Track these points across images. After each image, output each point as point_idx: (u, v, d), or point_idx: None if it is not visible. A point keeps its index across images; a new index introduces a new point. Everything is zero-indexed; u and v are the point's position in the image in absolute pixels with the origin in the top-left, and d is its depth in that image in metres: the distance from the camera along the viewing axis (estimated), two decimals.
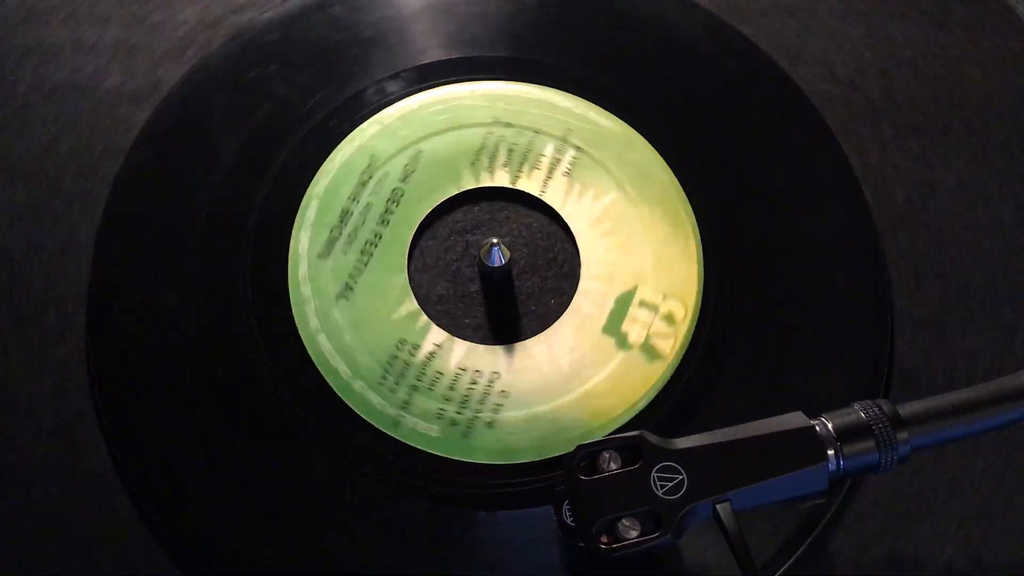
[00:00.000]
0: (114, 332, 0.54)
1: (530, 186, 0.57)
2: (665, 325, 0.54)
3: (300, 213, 0.56)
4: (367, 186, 0.56)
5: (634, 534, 0.45)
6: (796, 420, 0.47)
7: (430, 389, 0.53)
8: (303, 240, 0.55)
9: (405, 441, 0.52)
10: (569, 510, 0.46)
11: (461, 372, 0.53)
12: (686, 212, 0.56)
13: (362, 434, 0.52)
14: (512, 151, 0.57)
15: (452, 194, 0.57)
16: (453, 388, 0.53)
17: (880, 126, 0.60)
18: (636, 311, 0.54)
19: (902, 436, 0.46)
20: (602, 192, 0.57)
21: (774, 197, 0.58)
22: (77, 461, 0.52)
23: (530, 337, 0.54)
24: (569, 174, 0.57)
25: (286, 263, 0.55)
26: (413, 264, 0.56)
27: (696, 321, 0.54)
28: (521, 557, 0.50)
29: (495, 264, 0.54)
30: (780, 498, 0.46)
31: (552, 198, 0.57)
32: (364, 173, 0.57)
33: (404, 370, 0.53)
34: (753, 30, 0.62)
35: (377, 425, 0.52)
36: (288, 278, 0.54)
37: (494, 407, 0.52)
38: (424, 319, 0.54)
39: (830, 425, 0.46)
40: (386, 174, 0.57)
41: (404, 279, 0.55)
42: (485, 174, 0.57)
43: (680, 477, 0.46)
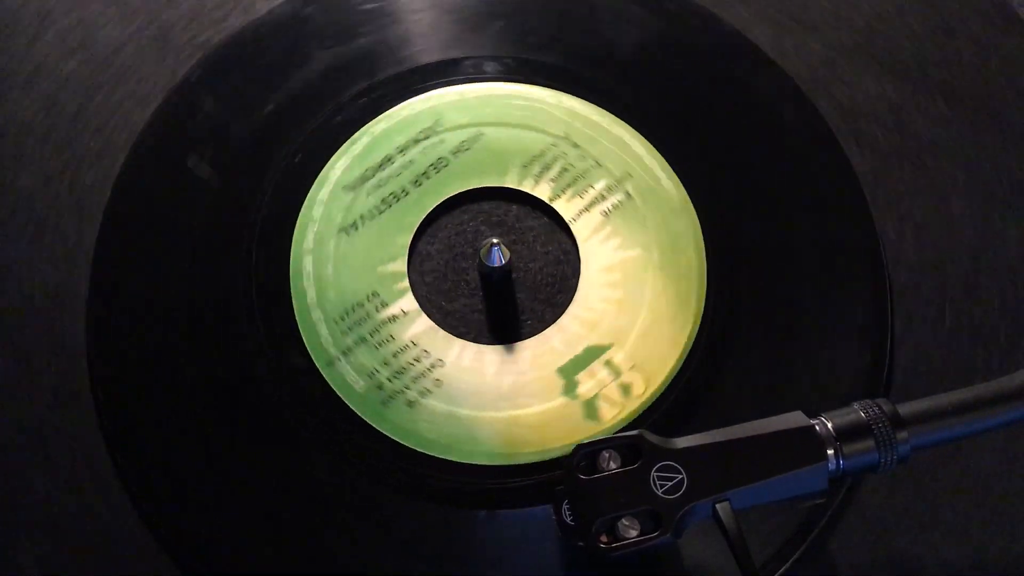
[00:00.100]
0: (114, 332, 0.54)
1: (565, 209, 0.56)
2: (619, 393, 0.53)
3: (349, 143, 0.57)
4: (419, 145, 0.57)
5: (634, 533, 0.45)
6: (796, 420, 0.47)
7: (376, 348, 0.53)
8: (338, 168, 0.56)
9: (330, 383, 0.52)
10: (569, 509, 0.46)
11: (411, 346, 0.53)
12: (699, 295, 0.55)
13: (299, 359, 0.52)
14: (566, 171, 0.57)
15: (490, 185, 0.57)
16: (396, 356, 0.53)
17: (880, 126, 0.60)
18: (599, 367, 0.53)
19: (902, 436, 0.46)
20: (628, 245, 0.56)
21: (774, 196, 0.58)
22: (77, 462, 0.52)
23: (492, 345, 0.54)
24: (607, 215, 0.56)
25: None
26: (422, 233, 0.56)
27: (651, 403, 0.53)
28: (521, 557, 0.50)
29: (495, 264, 0.54)
30: (780, 498, 0.46)
31: (579, 229, 0.56)
32: (423, 132, 0.57)
33: (363, 320, 0.53)
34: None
35: (313, 358, 0.53)
36: (299, 219, 0.55)
37: (422, 390, 0.52)
38: (405, 284, 0.54)
39: (830, 425, 0.46)
40: (441, 141, 0.57)
41: (407, 242, 0.55)
42: (530, 180, 0.57)
43: (680, 476, 0.46)
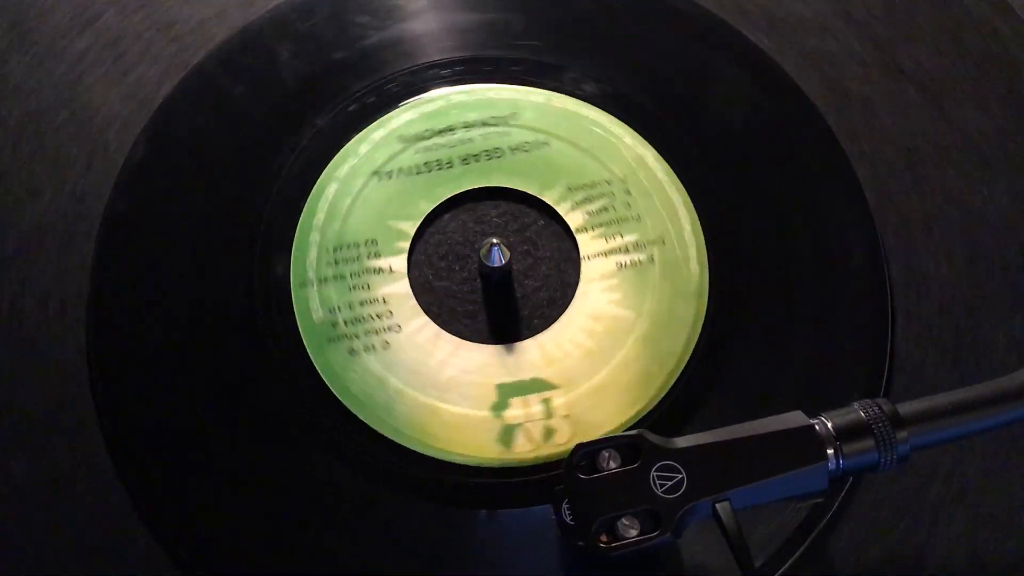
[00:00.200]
0: (114, 332, 0.54)
1: (585, 244, 0.55)
2: (540, 433, 0.52)
3: (424, 100, 0.58)
4: (486, 128, 0.57)
5: (633, 533, 0.45)
6: (796, 419, 0.47)
7: (349, 289, 0.54)
8: (403, 117, 0.57)
9: (293, 303, 0.53)
10: (568, 509, 0.46)
11: (380, 302, 0.54)
12: (662, 384, 0.53)
13: (279, 269, 0.54)
14: (606, 210, 0.56)
15: (529, 192, 0.56)
16: (362, 305, 0.53)
17: (881, 126, 0.60)
18: (535, 401, 0.52)
19: (902, 435, 0.46)
20: (624, 304, 0.54)
21: (774, 196, 0.58)
22: (77, 461, 0.52)
23: (455, 333, 0.54)
24: (621, 268, 0.55)
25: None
26: (446, 208, 0.56)
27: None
28: (521, 557, 0.50)
29: (495, 264, 0.54)
30: (780, 497, 0.46)
31: (589, 268, 0.55)
32: (495, 118, 0.58)
33: (351, 259, 0.54)
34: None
35: (292, 274, 0.54)
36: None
37: (368, 345, 0.53)
38: (405, 245, 0.55)
39: (830, 424, 0.46)
40: (507, 133, 0.57)
41: (427, 210, 0.56)
42: (568, 203, 0.56)
43: (679, 476, 0.46)
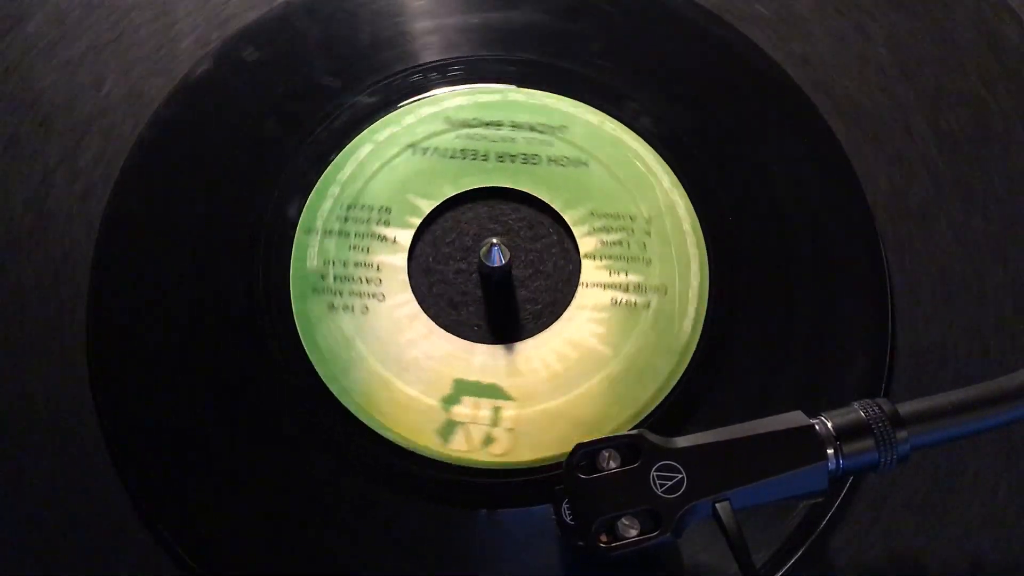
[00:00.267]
0: (114, 332, 0.54)
1: (588, 270, 0.55)
2: (479, 438, 0.51)
3: (481, 90, 0.58)
4: (532, 133, 0.57)
5: (633, 533, 0.45)
6: (796, 419, 0.47)
7: (349, 248, 0.55)
8: (455, 101, 0.58)
9: (294, 247, 0.54)
10: (568, 509, 0.46)
11: (373, 268, 0.54)
12: (610, 431, 0.52)
13: (292, 213, 0.55)
14: (619, 244, 0.55)
15: (552, 204, 0.56)
16: (356, 266, 0.54)
17: (882, 126, 0.60)
18: (486, 406, 0.52)
19: (902, 435, 0.46)
20: (604, 341, 0.53)
21: (775, 197, 0.58)
22: (77, 461, 0.52)
23: (433, 318, 0.54)
24: (615, 304, 0.54)
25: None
26: (465, 199, 0.56)
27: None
28: (521, 557, 0.50)
29: (495, 264, 0.54)
30: (780, 497, 0.46)
31: (583, 293, 0.54)
32: (544, 126, 0.57)
33: (361, 220, 0.55)
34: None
35: (303, 218, 0.55)
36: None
37: (347, 305, 0.53)
38: (415, 222, 0.55)
39: (830, 424, 0.46)
40: (550, 144, 0.57)
41: (447, 194, 0.56)
42: (585, 227, 0.56)
43: (679, 476, 0.46)
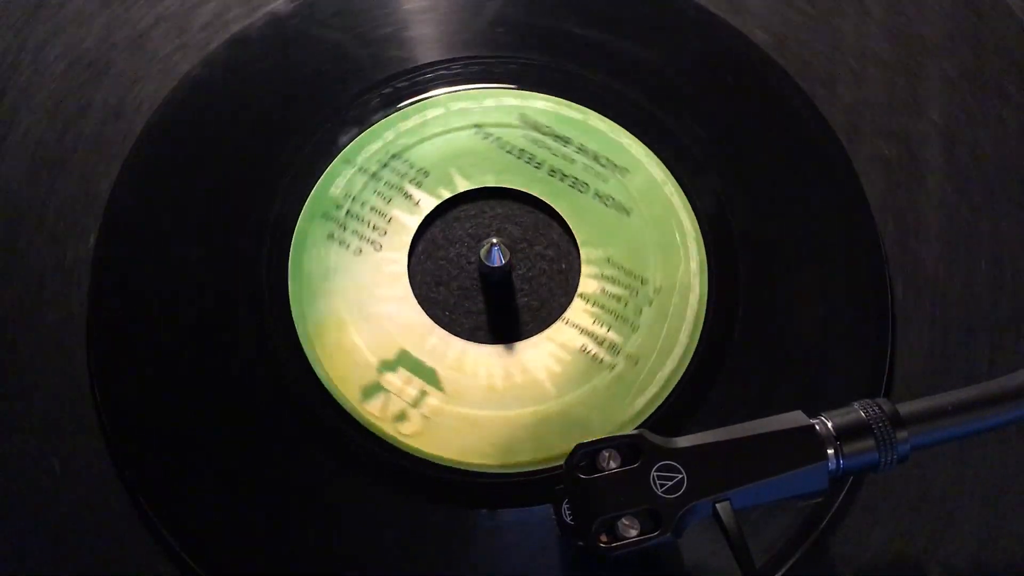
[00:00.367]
0: (114, 332, 0.54)
1: (575, 312, 0.54)
2: (394, 408, 0.52)
3: (567, 106, 0.59)
4: (596, 163, 0.57)
5: (633, 533, 0.45)
6: (796, 419, 0.47)
7: (375, 192, 0.56)
8: (539, 104, 0.59)
9: (325, 172, 0.57)
10: (568, 509, 0.46)
11: (386, 220, 0.56)
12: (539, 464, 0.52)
13: (342, 138, 0.57)
14: (618, 300, 0.55)
15: (574, 234, 0.56)
16: (372, 210, 0.56)
17: (882, 126, 0.60)
18: (416, 384, 0.53)
19: (902, 435, 0.46)
20: (559, 385, 0.53)
21: (775, 197, 0.58)
22: (77, 461, 0.52)
23: (413, 288, 0.54)
24: (582, 352, 0.53)
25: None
26: (497, 194, 0.57)
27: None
28: (520, 557, 0.50)
29: (495, 264, 0.54)
30: (780, 497, 0.46)
31: (555, 330, 0.54)
32: (611, 162, 0.58)
33: (397, 172, 0.57)
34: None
35: (348, 153, 0.57)
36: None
37: (343, 240, 0.55)
38: (444, 194, 0.57)
39: (830, 424, 0.46)
40: (606, 179, 0.57)
41: (485, 183, 0.57)
42: (594, 268, 0.55)
43: (680, 476, 0.46)
